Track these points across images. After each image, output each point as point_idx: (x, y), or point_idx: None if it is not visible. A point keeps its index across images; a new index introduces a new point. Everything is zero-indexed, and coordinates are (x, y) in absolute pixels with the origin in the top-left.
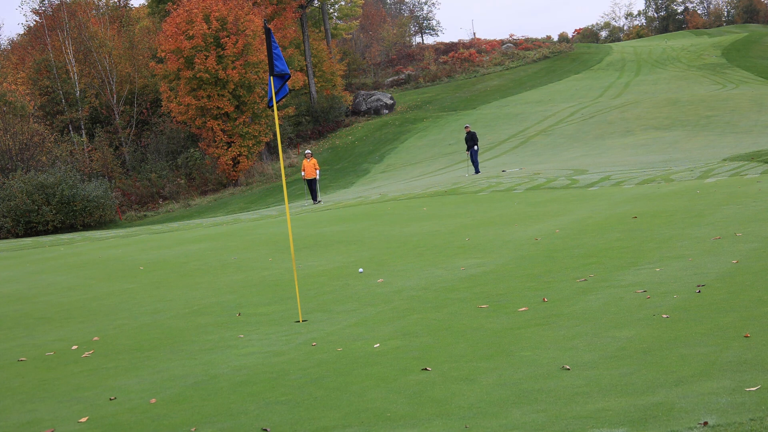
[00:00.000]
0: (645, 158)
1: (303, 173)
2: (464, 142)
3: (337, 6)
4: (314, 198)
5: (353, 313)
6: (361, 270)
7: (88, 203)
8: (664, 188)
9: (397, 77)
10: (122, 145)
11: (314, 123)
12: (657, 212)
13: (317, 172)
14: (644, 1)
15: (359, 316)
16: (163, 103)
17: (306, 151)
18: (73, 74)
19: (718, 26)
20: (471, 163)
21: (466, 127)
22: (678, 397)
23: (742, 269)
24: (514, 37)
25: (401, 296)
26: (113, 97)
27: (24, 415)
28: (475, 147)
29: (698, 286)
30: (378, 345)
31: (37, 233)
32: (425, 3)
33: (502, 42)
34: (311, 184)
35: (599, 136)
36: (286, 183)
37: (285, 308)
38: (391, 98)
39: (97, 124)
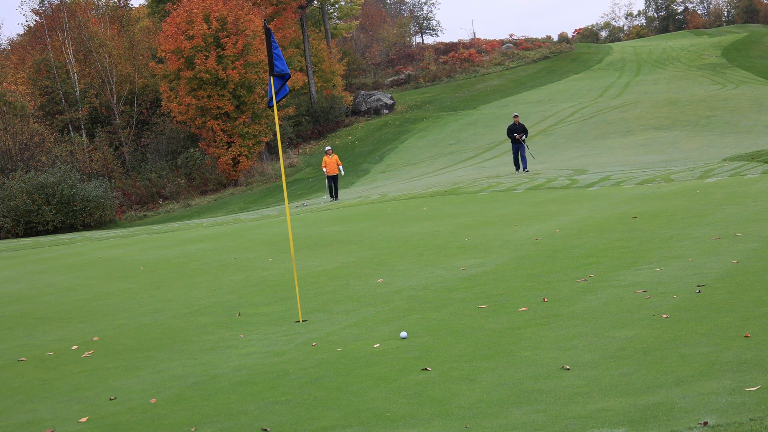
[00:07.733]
0: (645, 158)
1: (325, 170)
2: (510, 134)
3: (337, 6)
4: (335, 195)
5: (353, 313)
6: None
7: (88, 203)
8: (664, 188)
9: (397, 77)
10: (122, 145)
11: (314, 123)
12: (657, 212)
13: (340, 168)
14: (644, 1)
15: (359, 316)
16: (163, 103)
17: (326, 148)
18: (73, 74)
19: (718, 26)
20: (521, 158)
21: (515, 117)
22: (678, 397)
23: (742, 269)
24: (514, 37)
25: (401, 296)
26: (113, 97)
27: (24, 415)
28: (525, 136)
29: (698, 286)
30: (378, 345)
31: (37, 233)
32: (425, 3)
33: (502, 42)
34: (333, 180)
35: (599, 136)
36: (286, 183)
37: (285, 308)
38: (391, 98)
39: (97, 124)
